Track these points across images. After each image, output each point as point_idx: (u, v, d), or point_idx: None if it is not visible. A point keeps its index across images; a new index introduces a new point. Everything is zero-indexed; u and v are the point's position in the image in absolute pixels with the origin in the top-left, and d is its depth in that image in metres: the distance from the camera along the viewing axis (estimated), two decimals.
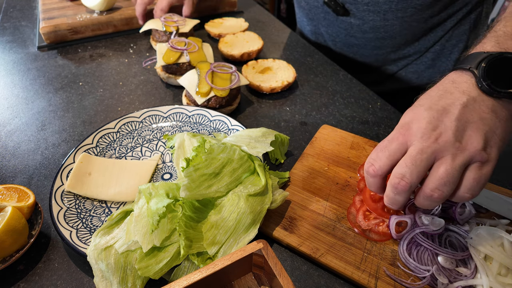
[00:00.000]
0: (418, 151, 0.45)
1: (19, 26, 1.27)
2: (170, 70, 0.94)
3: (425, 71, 1.07)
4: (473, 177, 0.44)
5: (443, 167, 0.44)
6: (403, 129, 0.48)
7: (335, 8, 1.00)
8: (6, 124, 0.84)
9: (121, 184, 0.65)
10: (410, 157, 0.45)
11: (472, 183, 0.45)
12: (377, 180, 0.50)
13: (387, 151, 0.48)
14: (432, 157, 0.45)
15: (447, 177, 0.43)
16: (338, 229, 0.58)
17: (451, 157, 0.44)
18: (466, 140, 0.44)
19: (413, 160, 0.44)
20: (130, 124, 0.78)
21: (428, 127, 0.45)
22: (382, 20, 0.97)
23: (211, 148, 0.58)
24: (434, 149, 0.44)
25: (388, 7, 0.93)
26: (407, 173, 0.45)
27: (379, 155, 0.48)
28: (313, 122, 0.86)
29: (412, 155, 0.45)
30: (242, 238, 0.53)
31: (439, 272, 0.50)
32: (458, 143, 0.44)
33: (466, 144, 0.44)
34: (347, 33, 1.06)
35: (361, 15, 0.99)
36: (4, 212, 0.54)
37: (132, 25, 1.24)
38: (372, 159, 0.49)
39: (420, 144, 0.45)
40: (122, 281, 0.49)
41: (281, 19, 1.46)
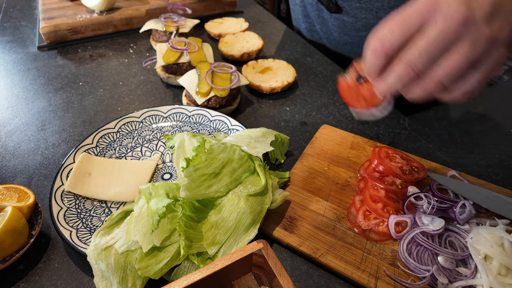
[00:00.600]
0: (439, 34, 0.38)
1: (19, 26, 1.27)
2: (170, 70, 0.94)
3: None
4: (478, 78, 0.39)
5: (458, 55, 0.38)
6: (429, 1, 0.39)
7: (328, 5, 1.00)
8: (6, 124, 0.84)
9: (121, 184, 0.65)
10: (428, 42, 0.38)
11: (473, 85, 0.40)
12: (381, 61, 0.42)
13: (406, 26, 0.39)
14: (453, 42, 0.38)
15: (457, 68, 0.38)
16: (338, 229, 0.58)
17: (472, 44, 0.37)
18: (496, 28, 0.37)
19: (429, 46, 0.38)
20: (130, 124, 0.78)
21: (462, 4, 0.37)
22: (374, 18, 0.97)
23: (211, 148, 0.58)
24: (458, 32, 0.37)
25: (380, 5, 0.93)
26: (418, 62, 0.39)
27: (394, 30, 0.40)
28: (313, 122, 0.86)
29: (431, 38, 0.38)
30: (242, 238, 0.53)
31: (439, 272, 0.50)
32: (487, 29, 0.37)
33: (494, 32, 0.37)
34: (340, 31, 1.06)
35: (353, 12, 0.98)
36: (4, 212, 0.54)
37: (132, 25, 1.24)
38: (384, 34, 0.41)
39: (445, 23, 0.38)
40: (122, 281, 0.49)
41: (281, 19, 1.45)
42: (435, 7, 0.38)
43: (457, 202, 0.59)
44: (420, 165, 0.67)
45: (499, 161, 0.75)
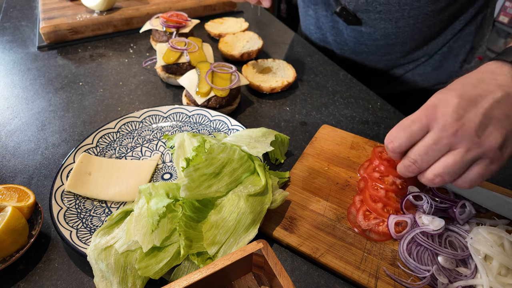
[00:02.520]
0: (434, 141, 0.46)
1: (19, 26, 1.27)
2: (170, 70, 0.94)
3: (431, 72, 1.07)
4: (478, 171, 0.46)
5: (453, 158, 0.45)
6: (428, 111, 0.48)
7: (347, 17, 1.00)
8: (6, 124, 0.84)
9: (121, 184, 0.65)
10: (425, 146, 0.47)
11: (475, 177, 0.46)
12: (396, 155, 0.53)
13: (408, 131, 0.49)
14: (447, 148, 0.46)
15: (454, 167, 0.46)
16: (338, 229, 0.58)
17: (465, 150, 0.45)
18: (485, 137, 0.45)
19: (427, 150, 0.47)
20: (130, 124, 0.78)
21: (453, 116, 0.45)
22: (394, 27, 0.97)
23: (211, 148, 0.58)
24: (451, 142, 0.45)
25: (400, 15, 0.93)
26: (418, 160, 0.48)
27: (400, 134, 0.50)
28: (313, 122, 0.86)
29: (427, 144, 0.47)
30: (242, 238, 0.53)
31: (439, 272, 0.50)
32: (477, 138, 0.44)
33: (484, 141, 0.44)
34: (356, 41, 1.06)
35: (373, 23, 0.98)
36: (4, 212, 0.54)
37: (132, 25, 1.24)
38: (393, 136, 0.51)
39: (439, 134, 0.46)
40: (122, 281, 0.49)
41: (281, 19, 1.46)
42: (433, 117, 0.47)
43: (457, 202, 0.59)
44: None
45: None
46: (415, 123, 0.48)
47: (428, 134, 0.47)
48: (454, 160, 0.45)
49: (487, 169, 0.46)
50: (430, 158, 0.47)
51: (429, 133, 0.47)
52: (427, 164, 0.48)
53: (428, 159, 0.47)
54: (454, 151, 0.46)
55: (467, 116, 0.45)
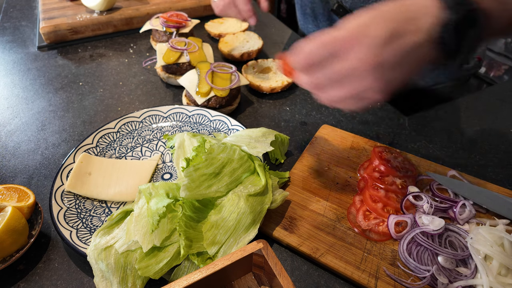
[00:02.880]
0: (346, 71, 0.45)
1: (19, 26, 1.27)
2: (170, 70, 0.94)
3: (430, 73, 1.07)
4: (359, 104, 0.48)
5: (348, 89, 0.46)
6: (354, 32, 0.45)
7: (343, 15, 1.00)
8: (6, 124, 0.84)
9: (121, 184, 0.65)
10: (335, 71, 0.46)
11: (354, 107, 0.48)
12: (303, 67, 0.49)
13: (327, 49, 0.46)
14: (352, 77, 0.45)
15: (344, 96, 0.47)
16: (338, 229, 0.58)
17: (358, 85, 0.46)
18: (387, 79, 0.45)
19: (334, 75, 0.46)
20: (130, 124, 0.78)
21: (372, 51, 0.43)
22: None
23: (211, 148, 0.58)
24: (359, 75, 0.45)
25: None
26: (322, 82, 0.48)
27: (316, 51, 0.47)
28: (313, 122, 0.86)
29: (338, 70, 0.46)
30: (242, 238, 0.53)
31: (439, 272, 0.50)
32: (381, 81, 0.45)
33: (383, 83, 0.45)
34: None
35: None
36: (4, 212, 0.54)
37: (132, 25, 1.24)
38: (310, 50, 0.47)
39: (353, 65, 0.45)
40: (122, 281, 0.49)
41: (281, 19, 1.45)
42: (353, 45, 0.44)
43: (457, 202, 0.59)
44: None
45: (499, 161, 0.75)
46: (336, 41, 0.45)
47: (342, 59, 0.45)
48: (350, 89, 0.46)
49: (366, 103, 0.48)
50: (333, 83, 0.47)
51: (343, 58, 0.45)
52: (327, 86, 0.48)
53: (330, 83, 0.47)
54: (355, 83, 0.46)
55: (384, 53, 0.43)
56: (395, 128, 0.84)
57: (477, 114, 0.91)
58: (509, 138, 0.83)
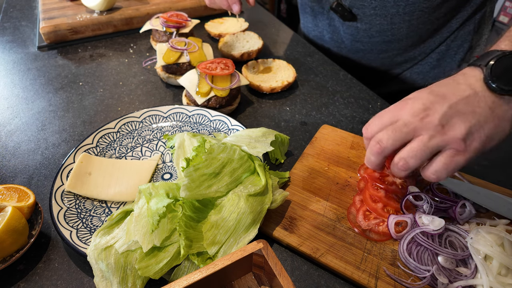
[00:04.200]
0: (401, 124, 0.49)
1: (19, 26, 1.27)
2: (170, 70, 0.94)
3: (430, 71, 1.07)
4: (443, 162, 0.48)
5: (417, 143, 0.48)
6: (401, 104, 0.52)
7: (342, 13, 1.00)
8: (6, 124, 0.84)
9: (121, 184, 0.65)
10: (393, 127, 0.50)
11: (439, 166, 0.48)
12: (367, 142, 0.55)
13: (380, 120, 0.53)
14: (412, 133, 0.49)
15: (416, 151, 0.48)
16: (338, 229, 0.58)
17: (428, 137, 0.47)
18: (449, 126, 0.47)
19: (394, 130, 0.50)
20: (130, 124, 0.78)
21: (421, 107, 0.49)
22: (389, 23, 0.97)
23: (211, 148, 0.58)
24: (416, 126, 0.48)
25: (395, 11, 0.93)
26: (384, 139, 0.50)
27: (374, 121, 0.54)
28: (313, 122, 0.86)
29: (395, 126, 0.50)
30: (242, 238, 0.53)
31: (439, 272, 0.50)
32: (440, 127, 0.47)
33: (448, 130, 0.47)
34: (353, 38, 1.06)
35: (368, 19, 0.98)
36: (4, 212, 0.54)
37: (132, 25, 1.24)
38: (368, 124, 0.55)
39: (406, 119, 0.49)
40: (122, 281, 0.49)
41: (281, 19, 1.45)
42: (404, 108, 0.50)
43: (457, 202, 0.59)
44: None
45: (499, 161, 0.75)
46: (387, 113, 0.52)
47: (398, 121, 0.50)
48: (418, 144, 0.48)
49: (451, 160, 0.47)
50: (396, 138, 0.49)
51: (399, 120, 0.50)
52: (392, 145, 0.50)
53: (393, 139, 0.49)
54: (419, 137, 0.48)
55: (434, 107, 0.48)
56: None
57: None
58: (509, 138, 0.83)
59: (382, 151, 0.51)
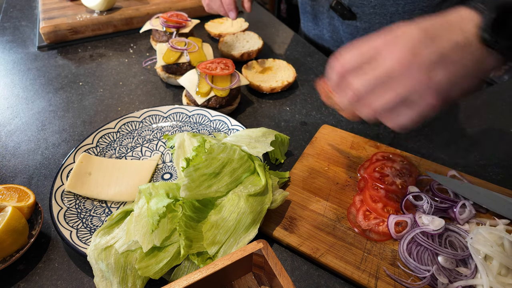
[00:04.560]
0: (383, 73, 0.45)
1: (19, 26, 1.27)
2: (170, 70, 0.94)
3: None
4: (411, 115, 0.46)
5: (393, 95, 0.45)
6: (388, 39, 0.46)
7: (342, 12, 1.00)
8: (6, 124, 0.84)
9: (121, 184, 0.65)
10: (373, 76, 0.45)
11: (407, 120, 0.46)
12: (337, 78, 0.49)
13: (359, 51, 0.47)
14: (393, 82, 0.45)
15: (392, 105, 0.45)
16: (338, 229, 0.58)
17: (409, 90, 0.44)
18: (433, 78, 0.44)
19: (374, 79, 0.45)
20: (130, 124, 0.78)
21: (410, 50, 0.44)
22: (388, 22, 0.97)
23: (211, 148, 0.58)
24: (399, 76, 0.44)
25: (395, 10, 0.93)
26: (360, 89, 0.46)
27: (350, 54, 0.48)
28: (313, 122, 0.86)
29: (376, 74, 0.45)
30: (242, 238, 0.53)
31: (439, 272, 0.50)
32: (425, 78, 0.44)
33: (431, 82, 0.44)
34: (352, 38, 1.06)
35: (367, 18, 0.98)
36: (4, 212, 0.54)
37: (132, 25, 1.24)
38: (342, 55, 0.48)
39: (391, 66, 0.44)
40: (122, 281, 0.49)
41: (281, 19, 1.45)
42: (389, 47, 0.45)
43: (457, 202, 0.59)
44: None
45: (499, 161, 0.75)
46: (370, 50, 0.46)
47: (378, 63, 0.45)
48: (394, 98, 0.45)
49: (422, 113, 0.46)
50: (373, 90, 0.46)
51: (379, 62, 0.45)
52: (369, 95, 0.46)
53: (369, 91, 0.46)
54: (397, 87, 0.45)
55: (423, 52, 0.44)
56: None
57: (477, 114, 0.91)
58: (509, 138, 0.83)
59: (357, 100, 0.47)
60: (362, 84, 0.46)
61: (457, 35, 0.44)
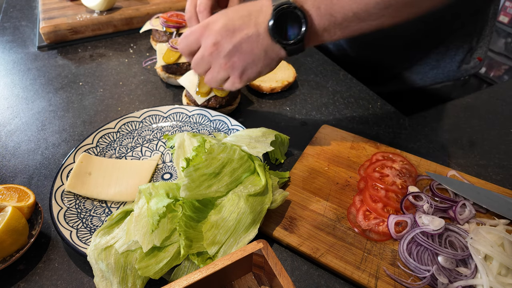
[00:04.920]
0: (200, 57, 0.61)
1: (19, 26, 1.27)
2: (170, 70, 0.94)
3: (429, 72, 1.07)
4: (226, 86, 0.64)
5: (210, 73, 0.63)
6: (203, 26, 0.60)
7: None
8: (6, 124, 0.84)
9: (121, 184, 0.65)
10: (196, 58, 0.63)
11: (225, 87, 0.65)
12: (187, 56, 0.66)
13: (186, 41, 0.63)
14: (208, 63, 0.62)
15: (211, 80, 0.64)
16: (338, 229, 0.58)
17: (217, 70, 0.61)
18: (231, 63, 0.59)
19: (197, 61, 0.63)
20: (130, 124, 0.78)
21: (213, 39, 0.58)
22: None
23: (211, 148, 0.58)
24: (209, 60, 0.61)
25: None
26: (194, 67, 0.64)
27: (182, 41, 0.64)
28: (313, 122, 0.86)
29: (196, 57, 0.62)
30: (242, 238, 0.53)
31: (439, 272, 0.50)
32: (224, 62, 0.59)
33: (230, 65, 0.60)
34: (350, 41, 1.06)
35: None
36: (4, 212, 0.54)
37: (132, 25, 1.24)
38: (180, 40, 0.64)
39: (202, 51, 0.61)
40: (122, 281, 0.49)
41: None
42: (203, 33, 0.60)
43: (457, 202, 0.59)
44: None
45: (499, 161, 0.75)
46: (192, 34, 0.61)
47: (200, 48, 0.61)
48: (211, 75, 0.63)
49: (232, 85, 0.63)
50: (200, 67, 0.63)
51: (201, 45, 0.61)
52: (202, 70, 0.64)
53: (200, 68, 0.63)
54: (211, 68, 0.62)
55: (222, 42, 0.58)
56: (395, 128, 0.84)
57: (477, 114, 0.91)
58: (509, 138, 0.83)
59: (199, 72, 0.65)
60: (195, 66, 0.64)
61: (251, 28, 0.57)
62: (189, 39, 0.62)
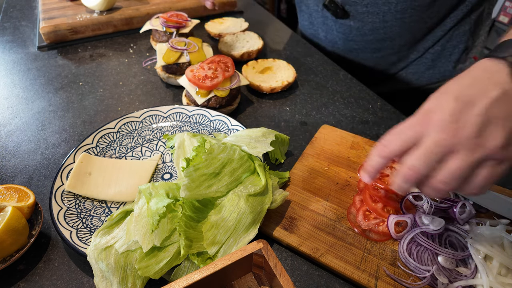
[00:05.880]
0: (433, 144, 0.43)
1: (19, 26, 1.27)
2: (170, 70, 0.94)
3: (425, 72, 1.07)
4: (485, 176, 0.43)
5: (457, 162, 0.42)
6: (422, 118, 0.45)
7: (335, 10, 1.00)
8: (6, 124, 0.84)
9: (121, 184, 0.65)
10: (424, 149, 0.43)
11: (482, 181, 0.43)
12: (383, 162, 0.48)
13: (401, 137, 0.46)
14: (447, 151, 0.42)
15: (459, 172, 0.42)
16: (338, 229, 0.58)
17: (467, 153, 0.42)
18: (486, 137, 0.41)
19: (426, 153, 0.43)
20: (130, 124, 0.78)
21: (449, 119, 0.42)
22: (381, 21, 0.97)
23: (211, 148, 0.58)
24: (451, 143, 0.42)
25: (387, 8, 0.93)
26: (417, 165, 0.43)
27: (393, 139, 0.47)
28: (313, 122, 0.86)
29: (426, 147, 0.43)
30: (242, 238, 0.53)
31: (439, 272, 0.50)
32: (478, 139, 0.41)
33: (486, 141, 0.41)
34: (345, 37, 1.06)
35: (360, 17, 0.98)
36: (4, 212, 0.54)
37: (132, 25, 1.24)
38: (386, 141, 0.47)
39: (437, 136, 0.43)
40: (122, 281, 0.49)
41: (281, 19, 1.46)
42: (428, 123, 0.44)
43: (457, 202, 0.59)
44: None
45: None
46: (409, 129, 0.46)
47: (424, 139, 0.44)
48: (459, 164, 0.42)
49: (494, 171, 0.43)
50: (431, 161, 0.43)
51: (425, 137, 0.44)
52: (428, 170, 0.43)
53: (429, 163, 0.43)
54: (456, 155, 0.42)
55: (464, 118, 0.42)
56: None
57: None
58: None
59: (417, 177, 0.44)
60: (417, 159, 0.43)
61: (493, 90, 0.43)
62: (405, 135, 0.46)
